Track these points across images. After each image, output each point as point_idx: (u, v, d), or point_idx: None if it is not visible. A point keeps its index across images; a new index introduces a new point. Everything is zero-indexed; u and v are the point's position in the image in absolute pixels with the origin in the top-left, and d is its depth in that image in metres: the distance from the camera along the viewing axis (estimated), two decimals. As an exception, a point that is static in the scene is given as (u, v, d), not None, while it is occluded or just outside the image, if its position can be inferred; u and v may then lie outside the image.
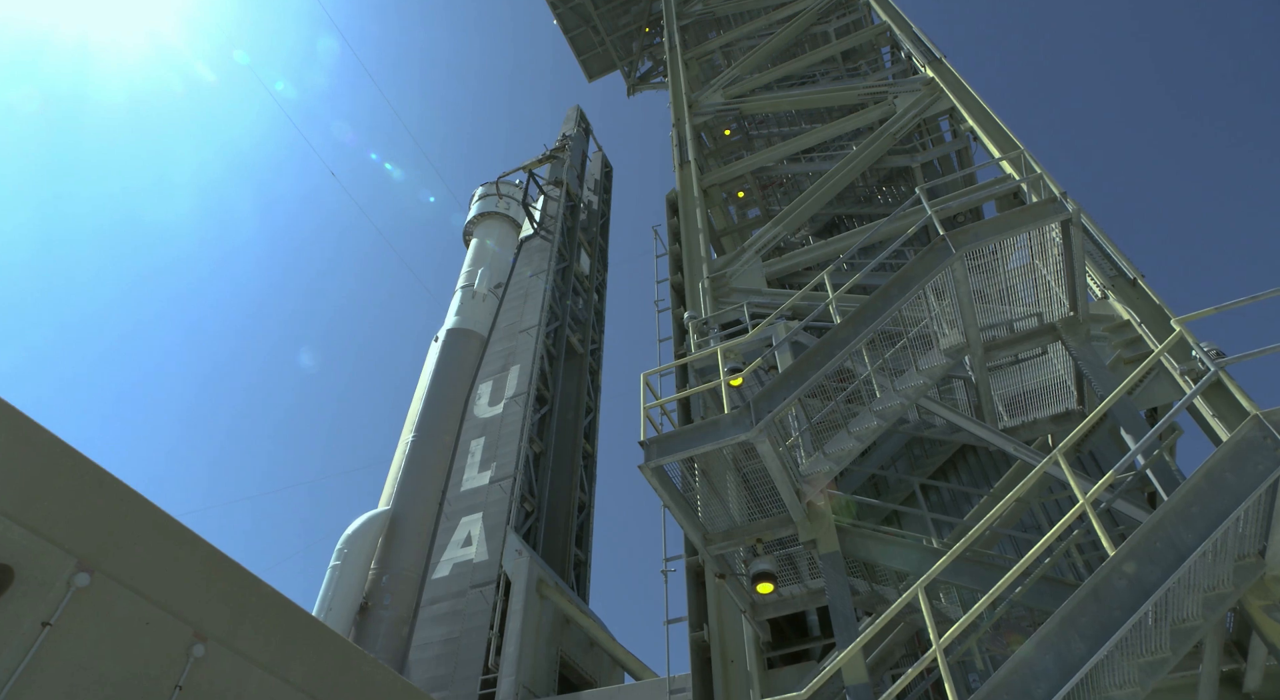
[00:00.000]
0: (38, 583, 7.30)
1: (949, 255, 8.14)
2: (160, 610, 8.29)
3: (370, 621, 17.70)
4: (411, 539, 19.75)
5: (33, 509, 7.39)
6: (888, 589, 7.98)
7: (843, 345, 8.17)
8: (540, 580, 16.50)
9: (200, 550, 9.01)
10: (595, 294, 30.32)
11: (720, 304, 14.62)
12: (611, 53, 34.43)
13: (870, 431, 8.28)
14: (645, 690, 13.15)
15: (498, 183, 34.55)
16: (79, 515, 7.81)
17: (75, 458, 7.97)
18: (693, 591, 10.07)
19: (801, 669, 8.84)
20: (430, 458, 22.01)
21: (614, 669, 17.42)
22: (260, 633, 9.37)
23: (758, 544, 8.13)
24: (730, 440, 7.60)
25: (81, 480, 7.98)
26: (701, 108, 20.91)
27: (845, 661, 6.01)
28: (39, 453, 7.67)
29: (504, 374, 23.33)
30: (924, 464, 10.28)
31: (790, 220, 15.47)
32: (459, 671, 15.33)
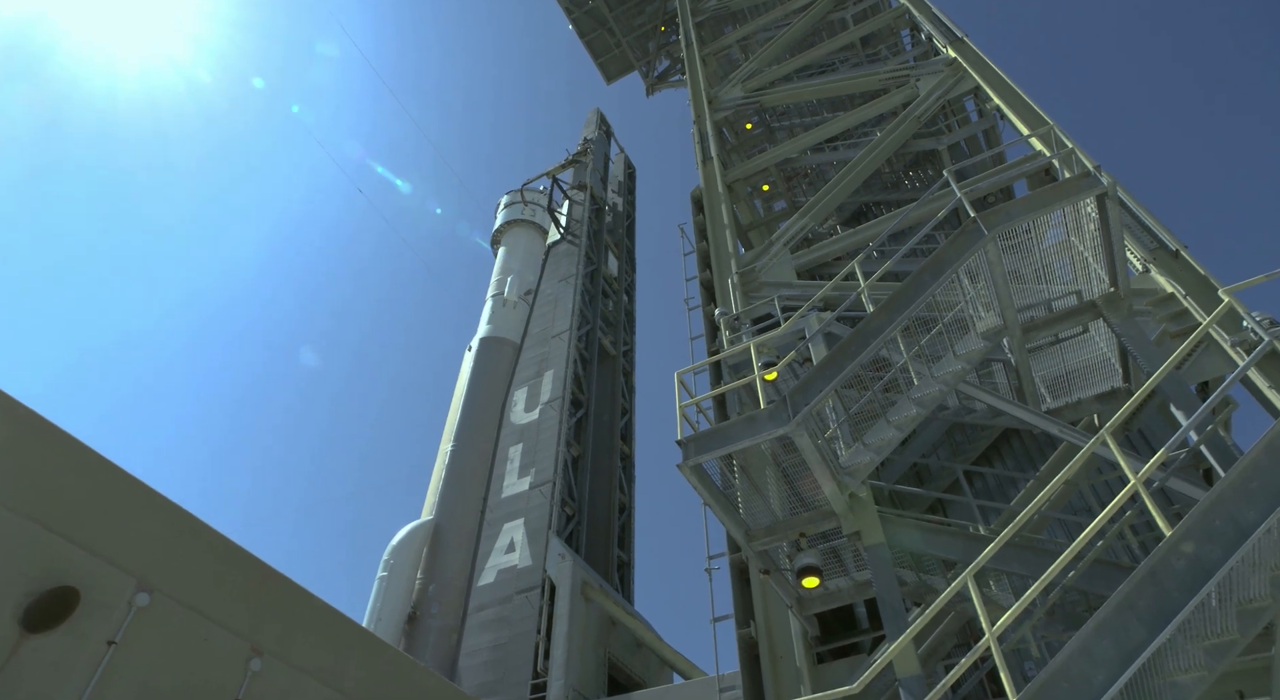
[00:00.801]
0: (101, 603, 7.51)
1: (981, 237, 8.00)
2: (217, 626, 8.48)
3: (419, 630, 17.91)
4: (455, 547, 19.94)
5: (92, 532, 7.61)
6: (935, 579, 7.86)
7: (877, 334, 8.07)
8: (584, 583, 16.54)
9: (252, 567, 9.20)
10: (625, 295, 30.35)
11: (751, 299, 14.54)
12: (628, 54, 34.47)
13: (909, 420, 8.16)
14: (695, 689, 13.11)
15: (522, 190, 34.75)
16: (136, 537, 8.03)
17: (130, 481, 8.19)
18: (737, 588, 10.02)
19: (852, 663, 8.74)
20: (470, 466, 22.21)
21: (662, 669, 17.41)
22: (314, 645, 9.54)
23: (801, 538, 8.06)
24: (768, 435, 7.55)
25: (136, 503, 8.20)
26: (721, 103, 20.82)
27: (896, 654, 5.92)
28: (95, 478, 7.90)
29: (538, 380, 23.46)
30: (966, 450, 10.11)
31: (817, 211, 15.33)
32: (508, 677, 15.43)
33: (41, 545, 7.22)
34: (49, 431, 7.65)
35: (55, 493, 7.48)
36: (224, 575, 8.83)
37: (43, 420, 7.59)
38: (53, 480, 7.52)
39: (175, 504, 8.59)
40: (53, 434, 7.65)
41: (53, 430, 7.66)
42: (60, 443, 7.69)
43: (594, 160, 34.19)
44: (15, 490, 7.13)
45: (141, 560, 7.96)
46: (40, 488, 7.37)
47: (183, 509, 8.69)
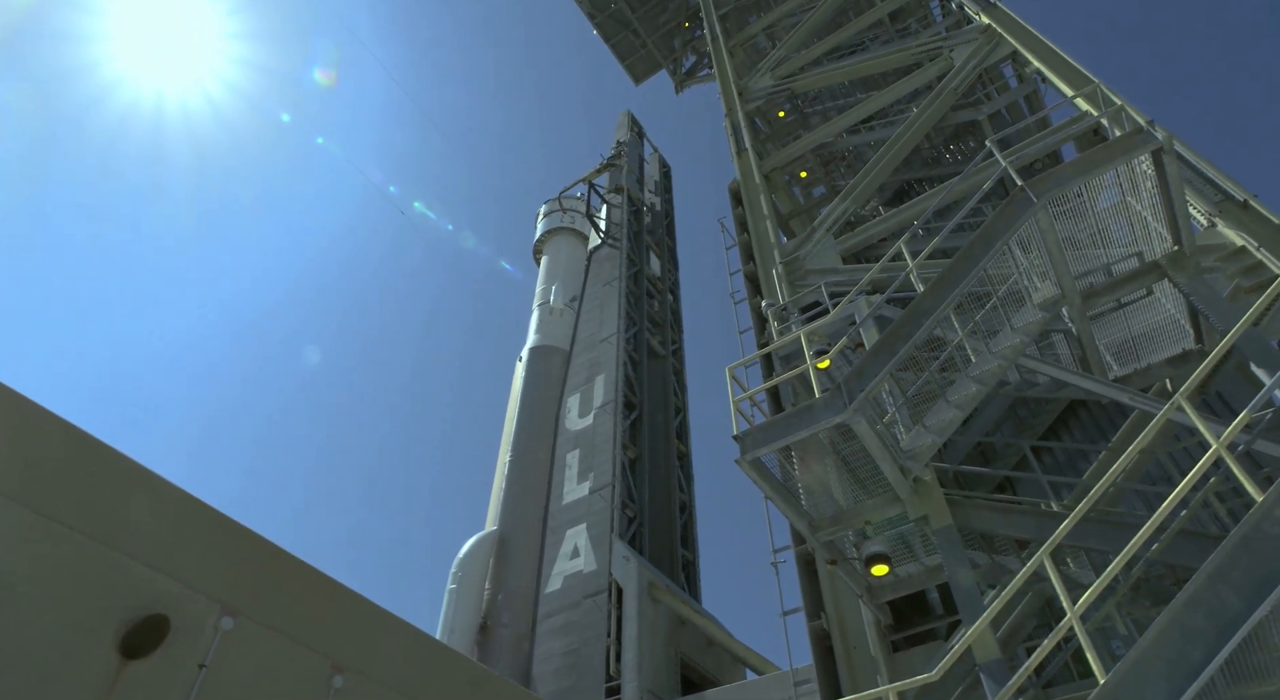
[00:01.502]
0: (189, 629, 7.81)
1: (1031, 205, 7.75)
2: (299, 646, 8.74)
3: (491, 640, 18.16)
4: (521, 556, 20.17)
5: (177, 561, 7.93)
6: (1009, 559, 7.64)
7: (929, 313, 7.88)
8: (651, 584, 16.56)
9: (328, 587, 9.45)
10: (669, 294, 30.31)
11: (797, 287, 14.36)
12: (654, 53, 34.45)
13: (970, 398, 7.95)
14: (769, 684, 13.00)
15: (560, 198, 35.01)
16: (217, 565, 8.33)
17: (210, 513, 8.52)
18: (805, 580, 9.90)
19: (929, 649, 8.55)
20: (529, 475, 22.44)
21: (735, 665, 17.31)
22: (393, 660, 9.75)
23: (866, 526, 7.92)
24: (825, 424, 7.44)
25: (217, 533, 8.52)
26: (752, 93, 20.64)
27: (974, 638, 5.77)
28: (177, 511, 8.23)
29: (590, 385, 23.58)
30: (1032, 425, 9.80)
31: (858, 193, 15.07)
32: (582, 681, 15.53)
33: (133, 577, 7.55)
34: (138, 472, 8.03)
35: (143, 527, 7.82)
36: (302, 597, 9.09)
37: (131, 462, 7.97)
38: (140, 516, 7.87)
39: (253, 532, 8.90)
40: (140, 474, 8.01)
41: (140, 470, 8.03)
42: (146, 481, 8.05)
43: (628, 162, 34.25)
44: (108, 527, 7.48)
45: (224, 586, 8.26)
46: (129, 524, 7.72)
47: (260, 536, 8.99)
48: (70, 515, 7.23)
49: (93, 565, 7.31)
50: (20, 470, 7.03)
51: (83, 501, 7.40)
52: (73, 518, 7.25)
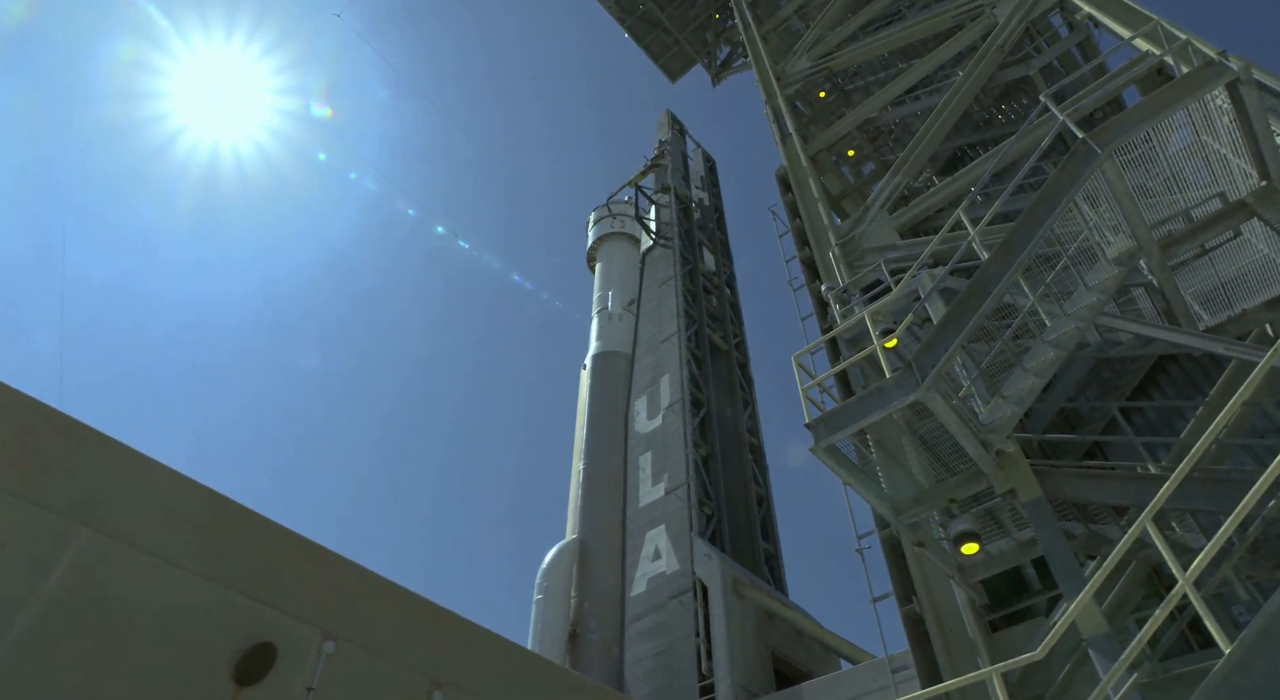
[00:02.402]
0: (295, 655, 8.13)
1: (1095, 157, 7.39)
2: (399, 665, 9.01)
3: (581, 647, 18.31)
4: (603, 562, 20.29)
5: (278, 592, 8.28)
6: (1108, 528, 7.29)
7: (997, 280, 7.60)
8: (735, 580, 16.43)
9: (422, 607, 9.72)
10: (726, 287, 30.09)
11: (856, 268, 14.06)
12: (687, 49, 34.31)
13: (1048, 364, 7.62)
14: (865, 673, 12.72)
15: (608, 204, 35.19)
16: (315, 592, 8.67)
17: (304, 542, 8.87)
18: (893, 565, 9.65)
19: (1029, 628, 8.21)
20: (604, 481, 22.58)
21: (827, 656, 17.02)
22: (489, 674, 9.95)
23: (951, 504, 7.67)
24: (898, 404, 7.25)
25: (312, 561, 8.86)
26: (790, 77, 20.33)
27: (1078, 612, 5.50)
28: (275, 542, 8.60)
29: (655, 386, 23.59)
30: (1118, 386, 9.32)
31: (909, 165, 14.66)
32: (675, 682, 15.51)
33: (240, 609, 7.92)
34: (240, 512, 8.45)
35: (246, 562, 8.21)
36: (397, 618, 9.37)
37: (235, 504, 8.38)
38: (243, 552, 8.27)
39: (346, 559, 9.24)
40: (240, 513, 8.43)
41: (241, 510, 8.45)
42: (247, 519, 8.45)
43: (672, 161, 34.19)
44: (215, 565, 7.88)
45: (322, 613, 8.58)
46: (234, 560, 8.11)
47: (353, 562, 9.32)
48: (183, 556, 7.63)
49: (204, 601, 7.69)
50: (144, 521, 7.46)
51: (193, 543, 7.80)
52: (186, 559, 7.65)
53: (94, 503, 7.16)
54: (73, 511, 6.95)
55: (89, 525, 7.02)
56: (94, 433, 7.42)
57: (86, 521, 7.01)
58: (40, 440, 7.03)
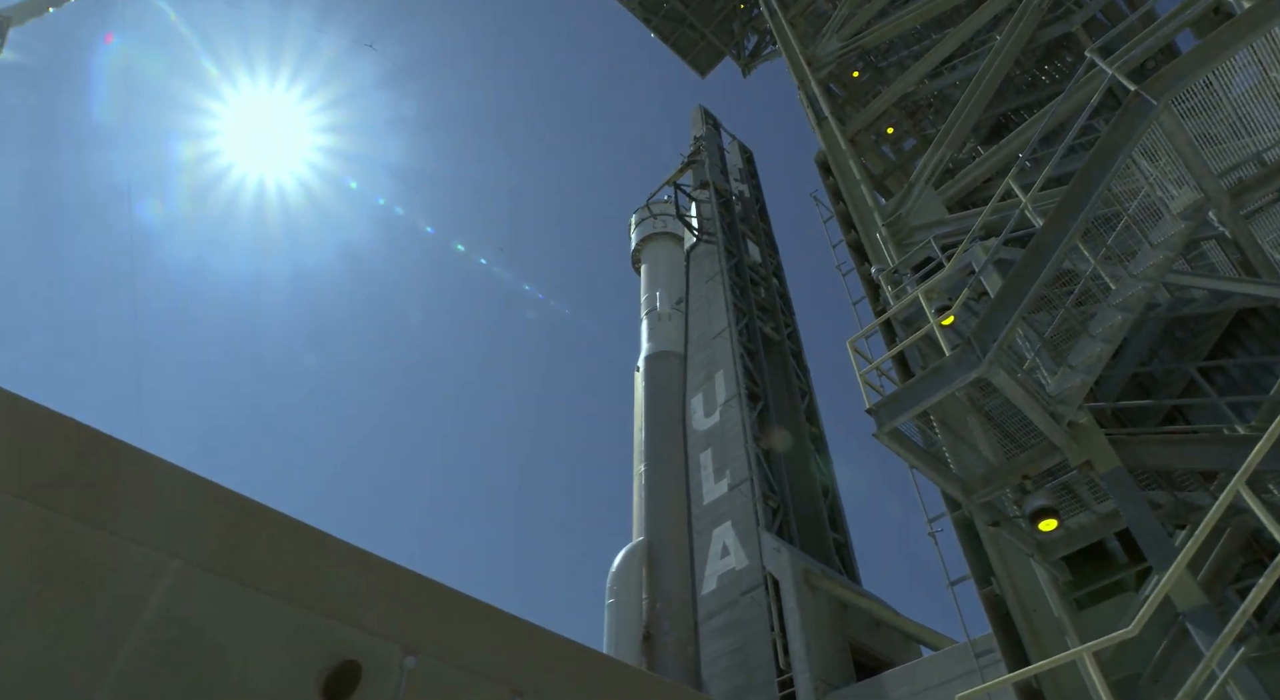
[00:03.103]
0: (379, 671, 8.35)
1: (1151, 109, 7.08)
2: (479, 676, 9.16)
3: (656, 649, 18.31)
4: (672, 562, 20.27)
5: (358, 611, 8.51)
6: (1196, 495, 6.96)
7: (1054, 247, 7.34)
8: (806, 572, 16.22)
9: (498, 617, 9.87)
10: (774, 278, 29.78)
11: (905, 247, 13.76)
12: (714, 43, 34.11)
13: (1116, 328, 7.33)
14: (948, 659, 12.40)
15: (648, 204, 35.21)
16: (393, 609, 8.88)
17: (380, 561, 9.09)
18: (968, 547, 9.39)
19: (1118, 603, 7.89)
20: (666, 482, 22.56)
21: (907, 643, 16.66)
22: (568, 680, 10.04)
23: (1024, 481, 7.43)
24: (960, 382, 7.05)
25: (388, 578, 9.08)
26: (821, 60, 20.02)
27: (1171, 585, 5.26)
28: (351, 563, 8.84)
29: (710, 383, 23.48)
30: (1194, 346, 8.90)
31: (952, 137, 14.28)
32: (753, 678, 15.38)
33: (322, 630, 8.17)
34: (315, 536, 8.72)
35: (325, 584, 8.46)
36: (475, 630, 9.54)
37: (307, 527, 8.66)
38: (321, 574, 8.52)
39: (420, 574, 9.43)
40: (316, 537, 8.69)
41: (316, 534, 8.72)
42: (323, 543, 8.70)
43: (709, 156, 34.03)
44: (295, 588, 8.15)
45: (403, 629, 8.80)
46: (313, 582, 8.37)
47: (428, 578, 9.52)
48: (264, 582, 7.90)
49: (287, 624, 7.94)
50: (227, 550, 7.75)
51: (273, 569, 8.07)
52: (266, 584, 7.92)
53: (182, 535, 7.46)
54: (164, 544, 7.25)
55: (179, 557, 7.31)
56: (178, 470, 7.72)
57: (176, 553, 7.31)
58: (132, 479, 7.35)
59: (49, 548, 6.68)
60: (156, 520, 7.31)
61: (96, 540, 6.88)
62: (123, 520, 7.10)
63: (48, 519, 6.70)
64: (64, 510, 6.81)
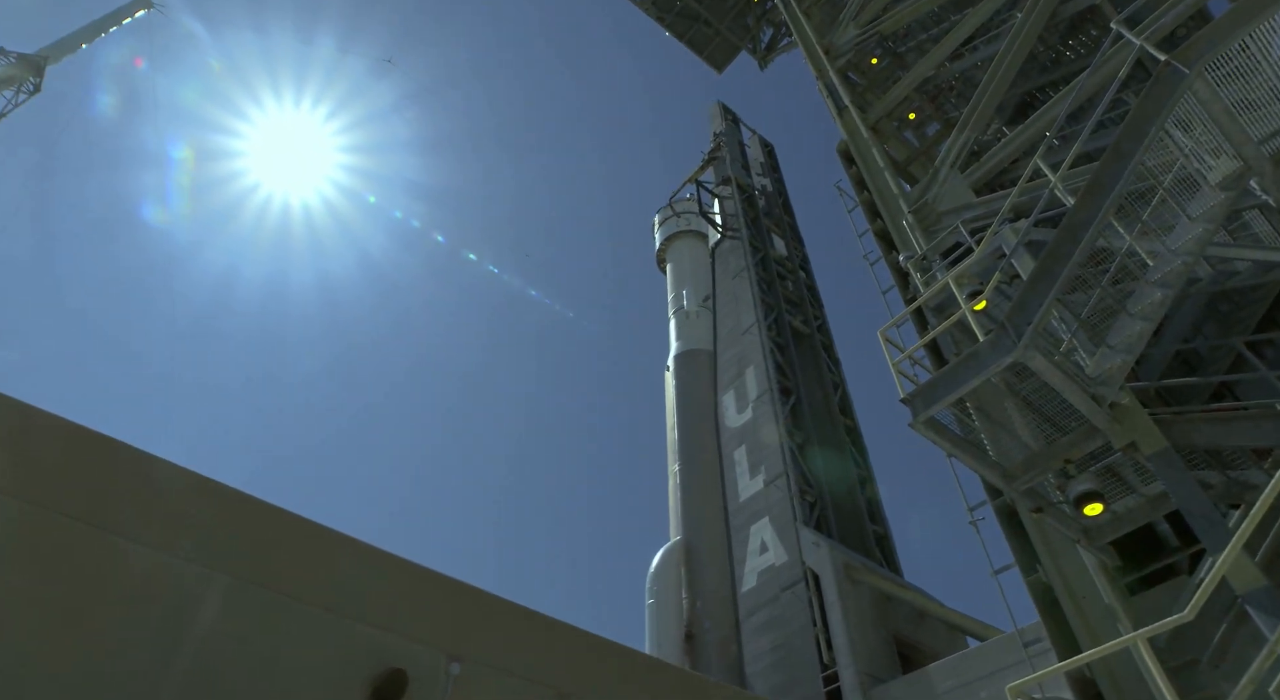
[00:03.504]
0: (425, 677, 8.44)
1: (1183, 77, 6.88)
2: (523, 680, 9.21)
3: (699, 648, 18.26)
4: (710, 561, 20.20)
5: (401, 619, 8.62)
6: (1250, 472, 6.75)
7: (1087, 225, 7.18)
8: (846, 565, 16.05)
9: (541, 621, 9.93)
10: (801, 271, 29.54)
11: (932, 233, 13.56)
12: (730, 38, 33.93)
13: (1156, 306, 7.14)
14: (995, 649, 12.18)
15: (671, 204, 35.17)
16: (436, 617, 8.99)
17: (421, 570, 9.20)
18: (1011, 534, 9.21)
19: (1172, 588, 7.67)
20: (701, 480, 22.50)
21: (953, 635, 16.41)
22: (612, 682, 10.06)
23: (1067, 465, 7.27)
24: (996, 367, 6.93)
25: (430, 587, 9.18)
26: (839, 49, 19.80)
27: (1228, 566, 5.11)
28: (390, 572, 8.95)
29: (741, 379, 23.37)
30: (1240, 319, 8.62)
31: (976, 119, 14.03)
32: (797, 674, 15.25)
33: (368, 639, 8.29)
34: (358, 547, 8.86)
35: (368, 594, 8.59)
36: (518, 634, 9.60)
37: (349, 539, 8.79)
38: (364, 584, 8.65)
39: (461, 582, 9.52)
40: (358, 548, 8.83)
41: (355, 544, 8.85)
42: (365, 554, 8.83)
43: (729, 152, 33.88)
44: (340, 599, 8.28)
45: (447, 635, 8.89)
46: (356, 593, 8.49)
47: (469, 585, 9.61)
48: (309, 594, 8.03)
49: (334, 634, 8.06)
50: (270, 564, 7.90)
51: (317, 581, 8.20)
52: (312, 595, 8.05)
53: (228, 551, 7.60)
54: (211, 560, 7.39)
55: (225, 572, 7.45)
56: (222, 486, 7.87)
57: (223, 568, 7.45)
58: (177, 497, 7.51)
59: (101, 565, 6.86)
60: (202, 536, 7.46)
61: (144, 557, 7.04)
62: (170, 537, 7.25)
63: (100, 538, 6.88)
64: (116, 529, 6.98)
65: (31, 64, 57.64)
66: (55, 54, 60.84)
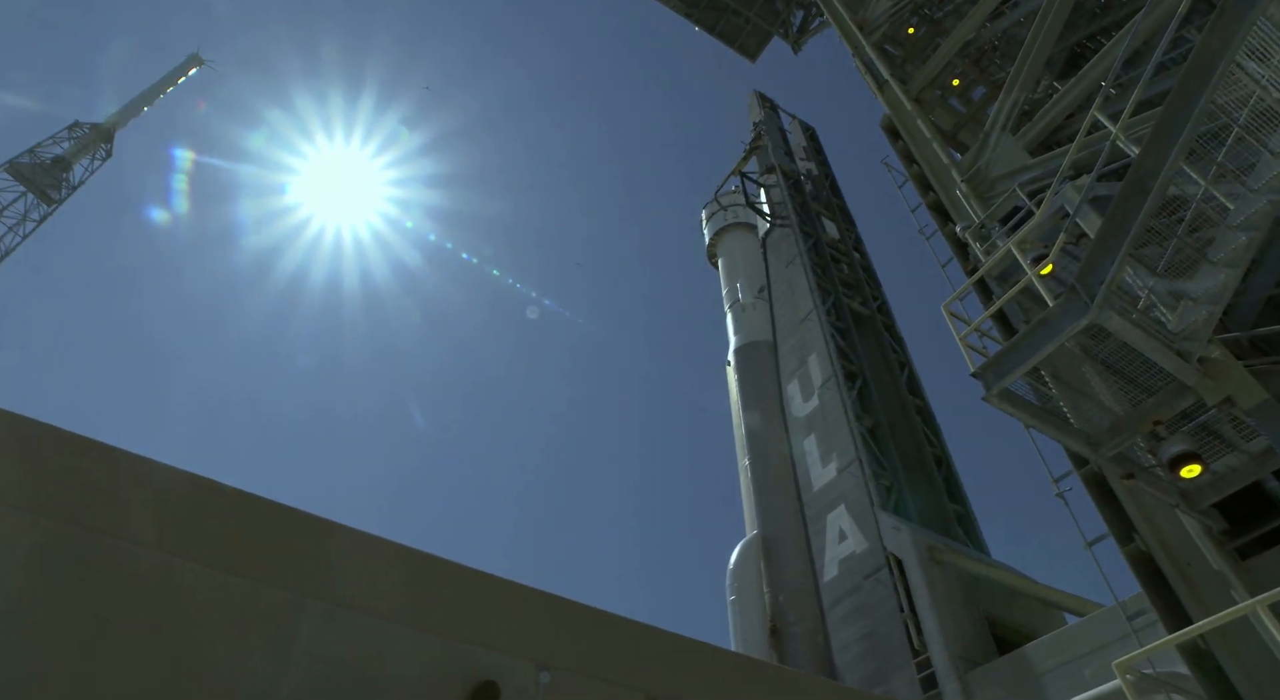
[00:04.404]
0: (517, 689, 8.56)
1: (1251, 5, 6.47)
2: (612, 684, 9.25)
3: (785, 641, 18.04)
4: (789, 553, 19.95)
5: (489, 633, 8.76)
6: (1362, 419, 6.29)
7: (1155, 174, 6.82)
8: (929, 547, 15.63)
9: (625, 625, 9.96)
10: (855, 251, 28.97)
11: (989, 200, 13.12)
12: (761, 24, 33.55)
13: (1241, 251, 6.74)
14: (1096, 624, 11.65)
15: (717, 198, 34.98)
16: (523, 627, 9.10)
17: (503, 582, 9.33)
18: (1102, 504, 8.80)
19: (1289, 547, 7.21)
20: (772, 472, 22.25)
21: (1048, 612, 15.80)
22: (702, 682, 10.02)
23: (1156, 427, 6.91)
24: (1069, 331, 6.65)
25: (516, 600, 9.31)
26: (873, 22, 19.36)
27: (1345, 521, 4.77)
28: (474, 586, 9.11)
29: (804, 367, 23.03)
30: (1337, 259, 8.08)
31: (1024, 77, 13.51)
32: (887, 662, 14.91)
33: (460, 654, 8.46)
34: (437, 564, 9.05)
35: (459, 610, 8.77)
36: (604, 640, 9.65)
37: (430, 557, 8.99)
38: (448, 600, 8.83)
39: (551, 593, 9.62)
40: (437, 564, 9.02)
41: (437, 561, 9.04)
42: (452, 571, 9.01)
43: (770, 139, 33.49)
44: (426, 616, 8.47)
45: (534, 645, 9.00)
46: (440, 609, 8.68)
47: (552, 594, 9.70)
48: (398, 612, 8.24)
49: (423, 651, 8.25)
50: (358, 585, 8.13)
51: (403, 600, 8.40)
52: (399, 615, 8.25)
53: (318, 576, 7.85)
54: (303, 586, 7.64)
55: (317, 597, 7.69)
56: (311, 516, 8.13)
57: (314, 594, 7.69)
58: (271, 529, 7.81)
59: (210, 598, 7.16)
60: (294, 564, 7.72)
61: (241, 588, 7.32)
62: (265, 567, 7.53)
63: (212, 576, 7.19)
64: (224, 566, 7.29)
65: (102, 132, 61.96)
66: (122, 119, 64.96)
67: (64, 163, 59.08)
